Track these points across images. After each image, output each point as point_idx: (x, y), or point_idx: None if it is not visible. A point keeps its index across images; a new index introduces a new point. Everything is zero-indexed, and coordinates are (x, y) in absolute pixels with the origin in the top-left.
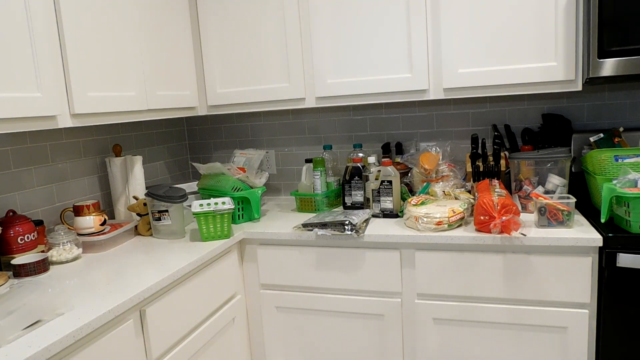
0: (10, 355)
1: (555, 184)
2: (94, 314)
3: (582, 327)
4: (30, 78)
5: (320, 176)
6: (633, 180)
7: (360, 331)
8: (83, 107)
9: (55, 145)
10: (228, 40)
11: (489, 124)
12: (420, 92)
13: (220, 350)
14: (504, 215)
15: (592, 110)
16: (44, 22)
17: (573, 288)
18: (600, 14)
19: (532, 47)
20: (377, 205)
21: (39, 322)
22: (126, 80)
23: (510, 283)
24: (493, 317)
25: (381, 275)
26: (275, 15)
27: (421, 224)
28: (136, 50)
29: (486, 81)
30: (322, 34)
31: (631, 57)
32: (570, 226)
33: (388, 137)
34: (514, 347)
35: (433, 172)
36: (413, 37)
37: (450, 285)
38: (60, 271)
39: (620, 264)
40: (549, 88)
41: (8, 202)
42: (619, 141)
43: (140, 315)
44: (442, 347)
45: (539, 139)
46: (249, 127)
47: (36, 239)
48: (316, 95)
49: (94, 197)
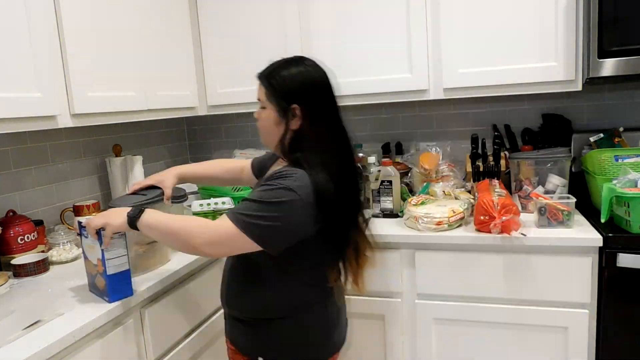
0: (10, 355)
1: (555, 184)
2: (94, 314)
3: (582, 327)
4: (30, 78)
5: None
6: (633, 180)
7: (360, 331)
8: (83, 107)
9: (55, 145)
10: (228, 40)
11: (489, 124)
12: (420, 92)
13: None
14: (504, 215)
15: (592, 110)
16: (44, 22)
17: (573, 288)
18: (600, 14)
19: (532, 47)
20: (377, 205)
21: (39, 322)
22: (126, 80)
23: (510, 283)
24: (493, 317)
25: (381, 276)
26: (275, 15)
27: (421, 224)
28: (136, 50)
29: (486, 81)
30: (322, 34)
31: (631, 57)
32: (570, 226)
33: (388, 137)
34: (515, 347)
35: (433, 172)
36: (413, 37)
37: (450, 285)
38: (60, 271)
39: (620, 264)
40: (549, 88)
41: (8, 202)
42: (619, 141)
43: (141, 315)
44: (442, 347)
45: (539, 139)
46: (249, 127)
47: (36, 239)
48: None
49: (94, 197)
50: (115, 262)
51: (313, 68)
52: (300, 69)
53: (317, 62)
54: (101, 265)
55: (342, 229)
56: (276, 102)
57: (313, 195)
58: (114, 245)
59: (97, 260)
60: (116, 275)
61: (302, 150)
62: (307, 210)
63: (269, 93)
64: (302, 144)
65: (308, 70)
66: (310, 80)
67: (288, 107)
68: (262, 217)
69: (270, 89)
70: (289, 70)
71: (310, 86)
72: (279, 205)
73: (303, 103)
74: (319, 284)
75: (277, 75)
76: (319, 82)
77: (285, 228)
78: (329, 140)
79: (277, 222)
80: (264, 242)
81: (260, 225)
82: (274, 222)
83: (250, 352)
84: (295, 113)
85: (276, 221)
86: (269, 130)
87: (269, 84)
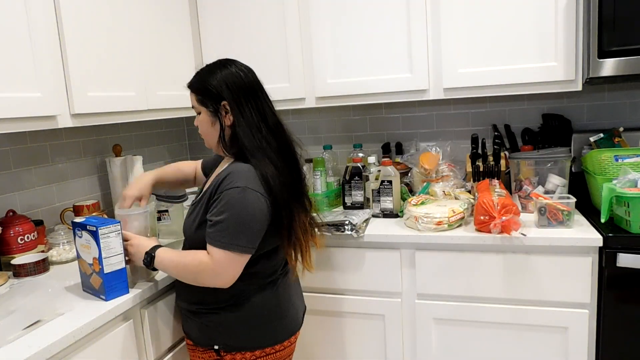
0: (10, 355)
1: (555, 184)
2: (94, 314)
3: (582, 327)
4: (30, 78)
5: (320, 176)
6: (633, 180)
7: (360, 331)
8: (83, 107)
9: (55, 145)
10: (228, 40)
11: (489, 124)
12: (420, 92)
13: None
14: (504, 215)
15: (592, 110)
16: (44, 22)
17: (573, 288)
18: (600, 14)
19: (532, 47)
20: (377, 205)
21: (39, 322)
22: (126, 80)
23: (510, 283)
24: (493, 317)
25: (381, 276)
26: (275, 15)
27: (421, 224)
28: (136, 50)
29: (486, 81)
30: (322, 34)
31: (631, 57)
32: (570, 226)
33: (388, 137)
34: (514, 347)
35: (433, 172)
36: (413, 37)
37: (450, 285)
38: (60, 271)
39: (620, 264)
40: (549, 88)
41: (8, 202)
42: (619, 141)
43: (141, 315)
44: (442, 347)
45: (539, 139)
46: None
47: (36, 239)
48: (316, 95)
49: (94, 197)
50: (112, 260)
51: (237, 67)
52: (225, 71)
53: (242, 63)
54: (97, 264)
55: (291, 212)
56: (207, 104)
57: (263, 184)
58: (109, 244)
59: (93, 260)
60: (112, 273)
61: (243, 141)
62: (263, 198)
63: (199, 98)
64: (240, 137)
65: (231, 70)
66: (234, 78)
67: (218, 105)
68: (238, 229)
69: (199, 93)
70: (213, 74)
71: (235, 82)
72: (243, 208)
73: (231, 98)
74: (265, 270)
75: (203, 80)
76: (243, 78)
77: (258, 222)
78: (264, 128)
79: (251, 223)
80: (253, 246)
81: (240, 236)
82: (250, 225)
83: (204, 343)
84: (226, 109)
85: (250, 223)
86: (208, 132)
87: (197, 90)
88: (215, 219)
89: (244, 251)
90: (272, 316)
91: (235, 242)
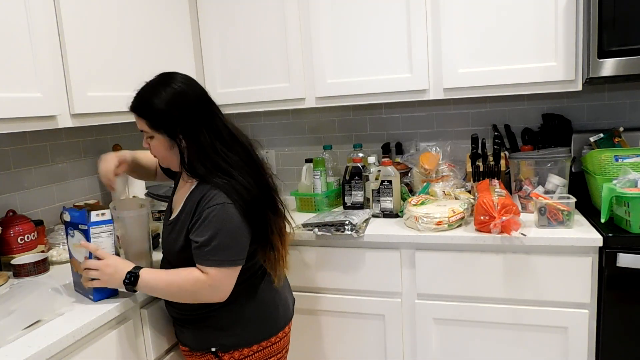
0: (10, 355)
1: (555, 184)
2: (94, 314)
3: (582, 327)
4: (30, 78)
5: (320, 176)
6: (633, 180)
7: (360, 331)
8: (83, 107)
9: (55, 145)
10: (228, 41)
11: (489, 124)
12: (420, 92)
13: None
14: (504, 215)
15: (592, 110)
16: (44, 22)
17: (573, 288)
18: (600, 14)
19: (532, 47)
20: (377, 205)
21: (39, 322)
22: (126, 80)
23: (510, 283)
24: (493, 317)
25: (381, 276)
26: (276, 15)
27: (421, 224)
28: (136, 50)
29: (486, 81)
30: (322, 34)
31: (631, 57)
32: (570, 226)
33: (388, 137)
34: (514, 347)
35: (433, 172)
36: (413, 37)
37: (450, 285)
38: (60, 271)
39: (620, 264)
40: (549, 88)
41: (8, 202)
42: (619, 141)
43: (141, 315)
44: (442, 347)
45: (539, 139)
46: (248, 127)
47: (36, 239)
48: (316, 95)
49: (93, 197)
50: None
51: (182, 83)
52: (170, 90)
53: (181, 74)
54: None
55: (266, 217)
56: (159, 130)
57: (237, 198)
58: (101, 245)
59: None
60: None
61: (203, 164)
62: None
63: (151, 124)
64: (201, 158)
65: (174, 87)
66: (181, 97)
67: (174, 131)
68: (226, 244)
69: (151, 119)
70: (158, 94)
71: (184, 102)
72: (227, 223)
73: (182, 122)
74: (250, 269)
75: (151, 103)
76: (190, 94)
77: (243, 234)
78: (219, 146)
79: (237, 236)
80: (242, 257)
81: (230, 251)
82: (236, 238)
83: (201, 348)
84: (180, 135)
85: (236, 237)
86: (166, 156)
87: (148, 115)
88: (201, 239)
89: (236, 264)
90: (263, 310)
91: (227, 258)
